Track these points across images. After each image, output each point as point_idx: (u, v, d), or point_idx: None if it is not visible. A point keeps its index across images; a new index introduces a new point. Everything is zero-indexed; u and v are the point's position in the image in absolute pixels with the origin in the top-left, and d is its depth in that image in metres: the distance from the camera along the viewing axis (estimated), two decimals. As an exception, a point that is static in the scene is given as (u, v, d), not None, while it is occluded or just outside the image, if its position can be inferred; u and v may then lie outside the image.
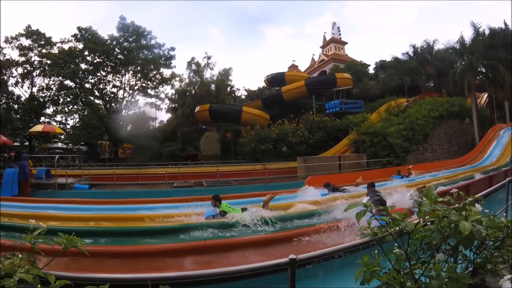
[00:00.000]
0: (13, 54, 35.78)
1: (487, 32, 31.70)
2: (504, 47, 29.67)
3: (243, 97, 47.36)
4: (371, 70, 50.08)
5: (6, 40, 34.82)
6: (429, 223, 2.16)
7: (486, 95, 37.08)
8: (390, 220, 2.20)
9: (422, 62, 39.62)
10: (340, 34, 59.17)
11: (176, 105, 39.40)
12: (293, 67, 55.89)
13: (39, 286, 1.77)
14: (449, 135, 29.32)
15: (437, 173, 18.92)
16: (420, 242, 2.17)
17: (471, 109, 30.22)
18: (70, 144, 40.06)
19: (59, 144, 40.77)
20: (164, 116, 47.49)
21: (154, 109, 40.79)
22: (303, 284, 3.13)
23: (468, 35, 32.44)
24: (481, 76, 34.00)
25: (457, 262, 2.17)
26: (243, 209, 9.00)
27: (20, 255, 1.90)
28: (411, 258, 2.11)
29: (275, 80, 42.68)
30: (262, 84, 47.89)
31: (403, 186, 12.22)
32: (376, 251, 2.19)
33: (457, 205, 2.25)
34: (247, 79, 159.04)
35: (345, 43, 58.83)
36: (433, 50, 40.04)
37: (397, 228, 2.17)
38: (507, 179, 6.65)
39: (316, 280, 4.21)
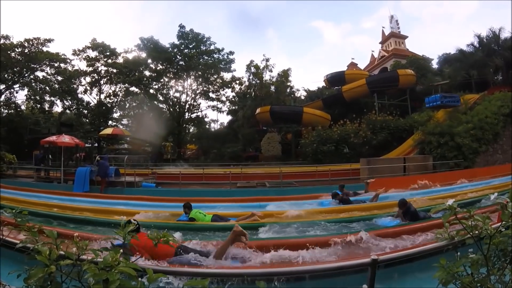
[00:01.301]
0: (81, 65, 38.37)
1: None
2: None
3: (302, 97, 47.07)
4: (434, 64, 47.14)
5: (74, 53, 37.41)
6: (504, 228, 2.11)
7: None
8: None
9: (489, 53, 36.25)
10: (399, 28, 56.26)
11: (237, 107, 40.16)
12: (353, 65, 54.79)
13: (140, 279, 1.78)
14: (521, 134, 26.92)
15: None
16: (495, 248, 2.10)
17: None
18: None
19: (125, 145, 42.83)
20: (225, 118, 48.34)
21: (216, 112, 41.89)
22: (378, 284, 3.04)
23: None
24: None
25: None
26: (216, 216, 8.91)
27: (121, 250, 1.93)
28: (485, 265, 2.06)
29: (335, 80, 41.90)
30: (321, 84, 47.38)
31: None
32: (458, 253, 2.16)
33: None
34: (306, 80, 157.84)
35: (405, 37, 55.71)
36: (500, 39, 36.70)
37: (476, 232, 2.15)
38: None
39: (390, 282, 4.11)
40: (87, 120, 39.22)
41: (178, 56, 39.76)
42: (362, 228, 7.77)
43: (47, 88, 36.87)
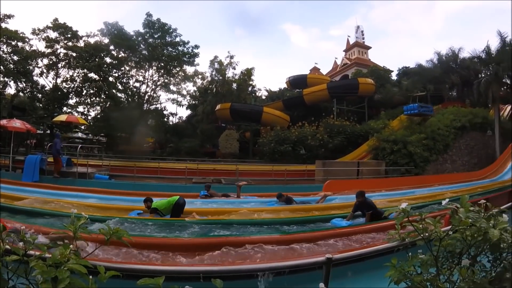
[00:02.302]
0: (40, 45, 36.64)
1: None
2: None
3: (263, 97, 47.32)
4: (394, 76, 48.74)
5: (34, 32, 35.63)
6: (451, 232, 2.25)
7: (510, 107, 35.55)
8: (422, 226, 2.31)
9: (446, 71, 37.88)
10: (364, 38, 58.45)
11: (197, 102, 39.80)
12: (315, 69, 55.65)
13: (91, 277, 1.74)
14: (470, 147, 28.33)
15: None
16: (444, 250, 2.24)
17: (494, 121, 29.22)
18: (90, 135, 40.58)
19: (79, 134, 41.50)
20: (184, 112, 47.80)
21: (175, 105, 41.37)
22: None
23: (495, 45, 31.40)
24: (506, 87, 32.75)
25: (475, 272, 2.16)
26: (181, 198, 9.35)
27: (71, 246, 1.88)
28: (434, 265, 2.20)
29: (297, 82, 42.64)
30: (283, 85, 47.85)
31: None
32: (410, 253, 2.27)
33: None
34: (269, 80, 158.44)
35: (368, 48, 57.96)
36: (458, 58, 38.40)
37: (426, 234, 2.28)
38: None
39: (344, 280, 4.28)
40: (41, 105, 37.49)
41: (142, 45, 38.57)
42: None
43: (1, 67, 35.01)
